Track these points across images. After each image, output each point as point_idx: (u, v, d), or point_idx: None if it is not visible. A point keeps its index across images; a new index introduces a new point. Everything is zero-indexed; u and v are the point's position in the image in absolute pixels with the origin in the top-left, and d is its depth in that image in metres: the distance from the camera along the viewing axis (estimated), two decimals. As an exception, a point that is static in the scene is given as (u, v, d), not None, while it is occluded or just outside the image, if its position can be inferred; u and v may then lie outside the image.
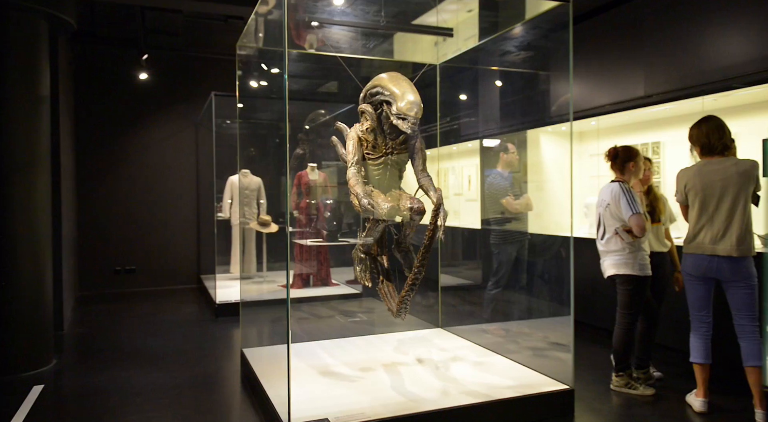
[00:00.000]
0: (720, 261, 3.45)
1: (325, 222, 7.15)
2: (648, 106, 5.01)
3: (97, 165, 8.20)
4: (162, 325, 6.18)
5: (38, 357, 4.59)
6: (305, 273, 7.64)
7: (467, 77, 5.95)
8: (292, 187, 7.26)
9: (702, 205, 3.51)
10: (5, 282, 4.43)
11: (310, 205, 7.39)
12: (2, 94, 4.45)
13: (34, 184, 4.63)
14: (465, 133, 7.06)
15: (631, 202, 3.72)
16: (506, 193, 5.10)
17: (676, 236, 4.44)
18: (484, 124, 6.59)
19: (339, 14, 4.67)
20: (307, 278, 7.67)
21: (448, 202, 8.04)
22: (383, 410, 3.21)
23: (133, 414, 3.62)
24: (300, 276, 7.67)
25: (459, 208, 7.98)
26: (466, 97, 6.46)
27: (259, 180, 8.23)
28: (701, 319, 3.58)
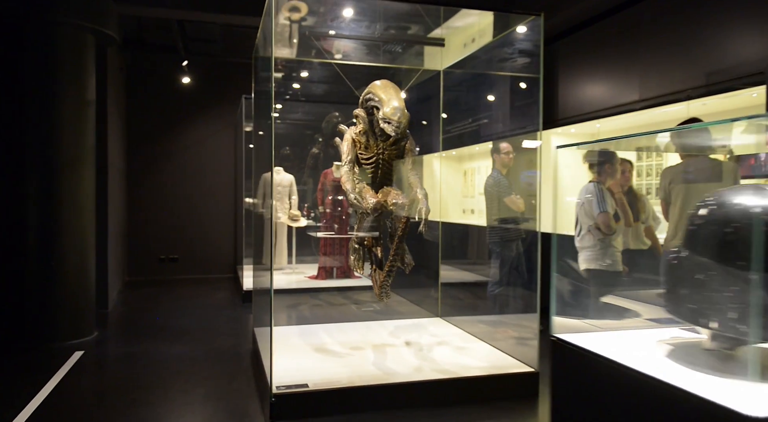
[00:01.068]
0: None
1: (349, 218, 7.61)
2: (642, 110, 5.19)
3: (145, 162, 8.99)
4: (194, 308, 6.82)
5: (81, 329, 5.28)
6: (329, 266, 8.13)
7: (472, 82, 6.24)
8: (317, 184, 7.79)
9: (684, 203, 3.72)
10: (54, 262, 5.12)
11: (336, 201, 7.87)
12: (53, 100, 5.14)
13: (80, 179, 5.31)
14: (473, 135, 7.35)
15: (600, 201, 3.98)
16: (509, 192, 5.38)
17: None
18: (489, 127, 6.86)
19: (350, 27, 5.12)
20: (331, 270, 8.15)
21: (474, 200, 8.33)
22: (357, 380, 3.64)
23: (153, 377, 4.20)
24: (324, 269, 8.17)
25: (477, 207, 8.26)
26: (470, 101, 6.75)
27: (292, 177, 8.77)
28: None
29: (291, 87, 7.85)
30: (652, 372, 1.32)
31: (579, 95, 6.18)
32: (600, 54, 5.89)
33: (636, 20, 5.34)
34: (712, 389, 1.20)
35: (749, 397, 1.20)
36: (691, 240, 1.37)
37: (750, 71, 4.11)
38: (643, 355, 1.44)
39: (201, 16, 6.32)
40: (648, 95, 5.16)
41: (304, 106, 8.62)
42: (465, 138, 6.72)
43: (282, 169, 8.67)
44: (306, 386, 3.53)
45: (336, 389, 3.54)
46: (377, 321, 5.46)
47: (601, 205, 3.97)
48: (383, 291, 3.95)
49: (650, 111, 5.12)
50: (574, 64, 6.29)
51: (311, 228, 8.27)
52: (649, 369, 1.33)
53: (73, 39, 5.23)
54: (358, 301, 6.74)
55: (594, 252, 4.08)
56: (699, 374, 1.31)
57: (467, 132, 6.76)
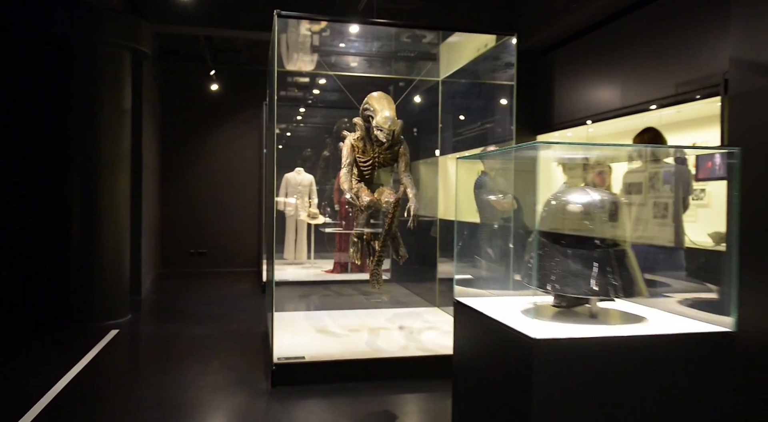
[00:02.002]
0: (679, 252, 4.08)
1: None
2: (624, 116, 5.59)
3: (177, 163, 9.73)
4: (219, 297, 7.49)
5: (116, 311, 5.98)
6: (343, 261, 8.70)
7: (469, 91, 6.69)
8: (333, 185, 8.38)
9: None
10: (94, 252, 5.83)
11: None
12: (93, 109, 5.85)
13: (117, 179, 6.01)
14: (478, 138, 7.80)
15: (570, 200, 4.42)
16: (494, 193, 5.84)
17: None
18: (482, 131, 7.30)
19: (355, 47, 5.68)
20: (345, 264, 8.72)
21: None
22: (349, 354, 4.19)
23: (177, 351, 4.84)
24: (339, 263, 8.75)
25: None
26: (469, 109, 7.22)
27: (311, 177, 9.38)
28: None
29: (311, 93, 8.47)
30: (495, 316, 1.81)
31: (573, 101, 6.58)
32: (589, 63, 6.29)
33: (619, 34, 5.74)
34: (528, 326, 1.68)
35: (546, 330, 1.67)
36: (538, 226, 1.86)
37: (712, 82, 4.48)
38: (506, 310, 1.91)
39: (224, 33, 6.97)
40: (628, 103, 5.56)
41: (322, 111, 9.23)
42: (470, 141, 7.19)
43: (302, 170, 9.28)
44: (303, 358, 4.09)
45: (329, 361, 4.09)
46: (379, 309, 5.99)
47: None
48: (374, 279, 4.50)
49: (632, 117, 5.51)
50: (568, 72, 6.70)
51: (329, 225, 8.85)
52: (495, 315, 1.82)
53: (112, 55, 5.92)
54: (366, 293, 7.28)
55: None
56: (532, 320, 1.79)
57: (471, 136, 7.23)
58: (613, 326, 1.72)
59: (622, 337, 1.61)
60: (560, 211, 1.79)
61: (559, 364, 1.54)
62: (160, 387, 3.98)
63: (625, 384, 1.58)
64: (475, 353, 1.98)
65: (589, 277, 1.70)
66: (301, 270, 9.19)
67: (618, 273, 1.70)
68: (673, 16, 4.99)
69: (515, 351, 1.61)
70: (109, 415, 3.55)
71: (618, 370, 1.57)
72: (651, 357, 1.59)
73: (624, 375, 1.58)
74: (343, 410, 3.59)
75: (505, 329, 1.70)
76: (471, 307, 1.95)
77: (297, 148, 9.62)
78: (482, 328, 1.87)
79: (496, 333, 1.77)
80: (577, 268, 1.71)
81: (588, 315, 1.81)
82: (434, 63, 5.74)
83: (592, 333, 1.61)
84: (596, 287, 1.69)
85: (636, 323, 1.77)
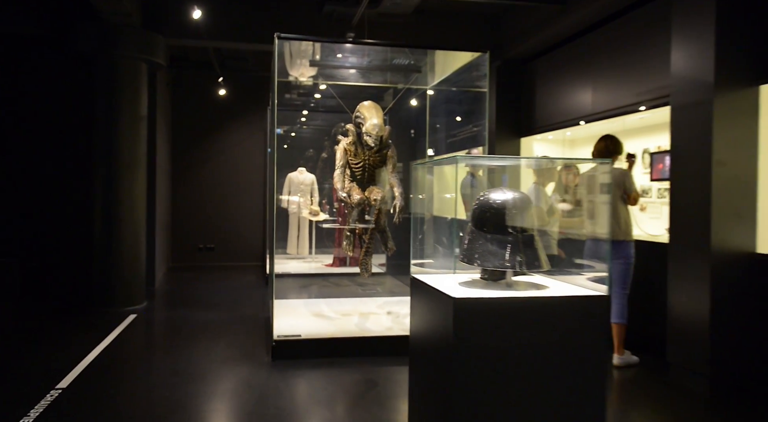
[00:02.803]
0: (601, 244, 4.65)
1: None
2: (594, 122, 6.14)
3: (187, 163, 10.36)
4: (226, 287, 8.11)
5: (134, 298, 6.60)
6: (342, 255, 9.29)
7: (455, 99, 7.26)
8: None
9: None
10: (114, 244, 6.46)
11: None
12: (114, 116, 6.46)
13: (135, 180, 6.63)
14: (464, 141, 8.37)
15: (536, 198, 4.99)
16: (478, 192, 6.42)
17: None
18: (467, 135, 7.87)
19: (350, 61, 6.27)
20: (344, 259, 9.31)
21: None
22: (339, 333, 4.78)
23: (189, 332, 5.45)
24: (338, 258, 9.34)
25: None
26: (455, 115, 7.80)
27: (313, 176, 9.96)
28: None
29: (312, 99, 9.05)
30: (433, 284, 2.39)
31: (552, 106, 7.13)
32: (565, 72, 6.84)
33: (589, 47, 6.29)
34: (452, 290, 2.24)
35: (465, 293, 2.23)
36: (471, 217, 2.43)
37: (664, 93, 5.03)
38: (446, 283, 2.47)
39: (231, 45, 7.58)
40: (598, 109, 6.11)
41: (323, 114, 9.81)
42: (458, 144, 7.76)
43: (305, 170, 9.87)
44: (299, 336, 4.69)
45: (322, 338, 4.69)
46: (371, 297, 6.58)
47: (536, 201, 4.98)
48: (363, 268, 5.09)
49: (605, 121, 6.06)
50: (547, 79, 7.25)
51: (328, 221, 9.44)
52: (433, 284, 2.39)
53: (131, 68, 6.54)
54: (361, 284, 7.87)
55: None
56: (458, 286, 2.36)
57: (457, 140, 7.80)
58: (518, 291, 2.29)
59: (520, 297, 2.17)
60: (486, 205, 2.36)
61: (472, 317, 2.10)
62: (175, 361, 4.59)
63: (523, 333, 2.14)
64: (422, 318, 2.55)
65: (503, 255, 2.27)
66: (302, 264, 9.79)
67: (524, 252, 2.27)
68: (634, 33, 5.54)
69: (444, 309, 2.18)
70: (133, 382, 4.17)
71: (517, 322, 2.14)
72: (544, 312, 2.16)
73: (522, 326, 2.14)
74: (332, 379, 4.18)
75: (438, 293, 2.27)
76: (420, 280, 2.53)
77: (299, 148, 10.21)
78: (426, 296, 2.44)
79: (432, 297, 2.34)
80: (494, 249, 2.28)
81: (505, 284, 2.38)
82: (420, 74, 6.31)
83: (498, 295, 2.18)
84: (507, 262, 2.25)
85: (537, 289, 2.33)
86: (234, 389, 3.98)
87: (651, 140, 5.85)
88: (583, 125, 6.41)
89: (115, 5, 5.85)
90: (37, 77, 7.33)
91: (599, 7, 5.67)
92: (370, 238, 4.94)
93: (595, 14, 5.88)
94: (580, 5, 5.82)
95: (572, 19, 6.07)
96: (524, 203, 2.35)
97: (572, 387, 2.18)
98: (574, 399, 2.19)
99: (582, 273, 2.71)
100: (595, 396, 2.20)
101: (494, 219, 2.32)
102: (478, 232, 2.36)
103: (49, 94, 7.32)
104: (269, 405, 3.68)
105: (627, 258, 4.58)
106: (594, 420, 2.21)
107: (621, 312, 4.52)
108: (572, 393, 2.18)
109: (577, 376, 2.18)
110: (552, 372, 2.16)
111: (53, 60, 7.24)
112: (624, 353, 4.56)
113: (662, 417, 3.69)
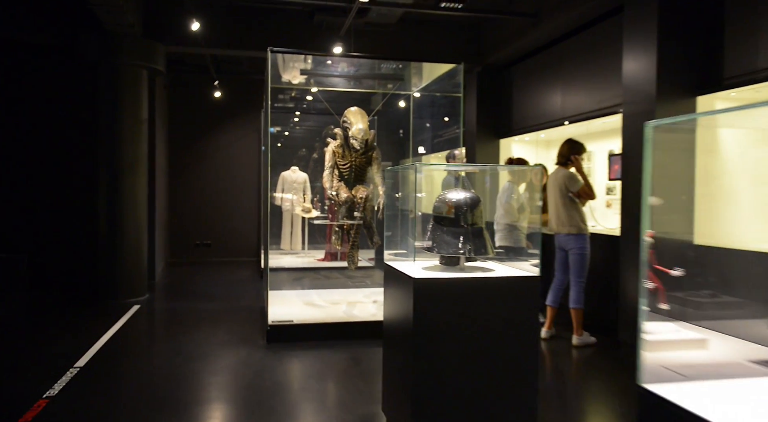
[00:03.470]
0: (560, 237, 5.17)
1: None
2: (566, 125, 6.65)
3: (184, 163, 10.81)
4: (222, 281, 8.58)
5: (136, 290, 7.07)
6: (333, 251, 9.78)
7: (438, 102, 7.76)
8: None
9: (551, 199, 5.23)
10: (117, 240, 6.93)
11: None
12: (117, 119, 6.92)
13: (137, 179, 7.09)
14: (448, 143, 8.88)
15: (508, 196, 5.49)
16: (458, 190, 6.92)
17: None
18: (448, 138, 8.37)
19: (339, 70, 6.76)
20: (335, 254, 9.80)
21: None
22: (328, 319, 5.27)
23: (190, 321, 5.94)
24: (330, 253, 9.83)
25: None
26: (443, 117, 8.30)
27: (305, 175, 10.42)
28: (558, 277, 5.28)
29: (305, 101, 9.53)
30: (399, 268, 2.88)
31: (528, 110, 7.65)
32: (538, 79, 7.36)
33: (558, 56, 6.80)
34: (413, 272, 2.73)
35: (423, 274, 2.73)
36: (432, 213, 2.93)
37: (618, 102, 5.53)
38: (413, 267, 2.95)
39: (227, 52, 8.04)
40: (567, 114, 6.62)
41: (315, 116, 10.28)
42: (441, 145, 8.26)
43: (297, 169, 10.34)
44: (291, 321, 5.18)
45: (312, 323, 5.19)
46: (359, 288, 7.08)
47: (508, 198, 5.48)
48: (350, 260, 5.59)
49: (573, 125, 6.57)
50: (524, 85, 7.76)
51: (320, 218, 9.92)
52: (399, 268, 2.88)
53: (133, 74, 6.99)
54: (351, 276, 8.37)
55: (504, 232, 5.59)
56: (420, 269, 2.85)
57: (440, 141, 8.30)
58: (467, 273, 2.79)
59: (467, 278, 2.67)
60: (443, 203, 2.86)
61: (430, 295, 2.59)
62: (178, 344, 5.07)
63: (470, 306, 2.64)
64: (391, 296, 3.05)
65: (456, 244, 2.76)
66: (296, 259, 10.27)
67: (473, 242, 2.76)
68: (595, 46, 6.05)
69: (406, 288, 2.67)
70: (142, 361, 4.65)
71: (465, 297, 2.63)
72: (486, 289, 2.66)
73: (469, 300, 2.63)
74: (321, 358, 4.68)
75: (401, 275, 2.77)
76: (391, 266, 3.02)
77: (293, 148, 10.67)
78: (395, 279, 2.93)
79: (399, 279, 2.84)
80: (449, 239, 2.77)
81: (459, 269, 2.88)
82: (402, 82, 6.80)
83: (450, 276, 2.67)
84: (460, 250, 2.75)
85: (483, 272, 2.84)
86: (233, 366, 4.47)
87: (614, 143, 6.37)
88: (556, 128, 6.93)
89: (119, 17, 6.29)
90: (45, 82, 7.78)
91: (566, 21, 6.18)
92: (356, 233, 5.44)
93: (562, 26, 6.38)
94: (549, 18, 6.32)
95: (543, 30, 6.57)
96: (474, 202, 2.85)
97: (511, 348, 2.68)
98: (513, 360, 2.69)
99: (528, 260, 3.20)
100: (529, 357, 2.71)
101: (450, 214, 2.81)
102: (436, 226, 2.86)
103: (56, 98, 7.78)
104: (265, 378, 4.17)
105: (581, 250, 5.07)
106: (528, 376, 2.71)
107: (578, 298, 5.03)
108: (511, 353, 2.68)
109: (514, 340, 2.68)
110: (493, 337, 2.66)
111: (61, 67, 7.70)
112: (582, 334, 5.08)
113: (615, 387, 4.21)
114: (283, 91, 9.11)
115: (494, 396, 2.68)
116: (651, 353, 1.44)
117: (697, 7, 4.54)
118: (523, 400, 2.72)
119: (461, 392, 2.65)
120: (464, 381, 2.65)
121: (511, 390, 2.70)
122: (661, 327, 1.73)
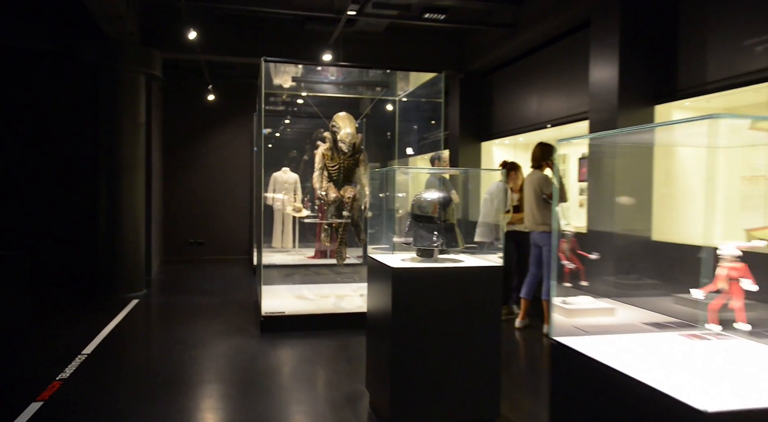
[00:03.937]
0: (534, 234, 5.58)
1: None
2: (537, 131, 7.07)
3: (178, 164, 11.13)
4: (216, 277, 8.93)
5: (135, 285, 7.41)
6: (323, 248, 10.15)
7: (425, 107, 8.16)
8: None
9: (527, 199, 5.63)
10: (116, 237, 7.26)
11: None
12: (116, 123, 7.26)
13: (135, 180, 7.43)
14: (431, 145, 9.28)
15: (495, 193, 5.89)
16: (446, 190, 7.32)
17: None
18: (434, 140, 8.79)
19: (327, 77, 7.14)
20: (325, 252, 10.16)
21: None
22: (318, 310, 5.65)
23: (186, 313, 6.29)
24: (319, 251, 10.20)
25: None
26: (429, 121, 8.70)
27: (296, 176, 10.77)
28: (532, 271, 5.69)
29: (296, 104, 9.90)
30: (380, 259, 3.28)
31: (507, 114, 8.07)
32: (516, 85, 7.78)
33: (533, 65, 7.23)
34: (392, 263, 3.13)
35: (401, 265, 3.13)
36: (411, 210, 3.32)
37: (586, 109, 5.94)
38: (393, 258, 3.35)
39: (221, 59, 8.39)
40: (542, 119, 7.05)
41: (305, 119, 10.65)
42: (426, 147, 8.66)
43: (288, 169, 10.69)
44: (283, 312, 5.56)
45: (303, 315, 5.57)
46: (347, 283, 7.46)
47: (495, 193, 5.88)
48: (338, 255, 5.97)
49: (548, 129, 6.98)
50: (504, 91, 8.18)
51: (310, 217, 10.28)
52: (380, 259, 3.28)
53: (131, 79, 7.33)
54: (340, 272, 8.75)
55: (489, 228, 5.98)
56: (399, 261, 3.24)
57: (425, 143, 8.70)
58: (440, 263, 3.19)
59: (439, 267, 3.07)
60: (419, 202, 3.26)
61: (406, 283, 2.99)
62: (177, 334, 5.43)
63: (441, 292, 3.04)
64: (373, 285, 3.44)
65: (430, 238, 3.16)
66: (287, 256, 10.62)
67: (445, 236, 3.16)
68: (567, 56, 6.48)
69: (385, 277, 3.06)
70: (144, 348, 5.01)
71: (437, 284, 3.03)
72: (455, 277, 3.06)
73: (440, 287, 3.03)
74: (311, 345, 5.06)
75: (382, 265, 3.17)
76: (373, 258, 3.41)
77: (284, 149, 11.02)
78: (376, 270, 3.32)
79: (380, 269, 3.23)
80: (424, 233, 3.17)
81: (433, 260, 3.28)
82: (388, 88, 7.20)
83: (424, 266, 3.07)
84: (433, 243, 3.15)
85: (453, 263, 3.23)
86: (229, 353, 4.84)
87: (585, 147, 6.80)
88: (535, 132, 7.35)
89: (118, 25, 6.63)
90: (48, 87, 8.11)
91: (542, 32, 6.60)
92: (343, 231, 5.82)
93: (539, 37, 6.81)
94: (526, 30, 6.75)
95: (520, 40, 6.99)
96: (446, 201, 3.25)
97: (477, 329, 3.08)
98: (478, 339, 3.09)
99: (497, 254, 3.60)
100: (492, 335, 3.11)
101: (425, 212, 3.21)
102: (414, 222, 3.25)
103: (58, 101, 8.10)
104: (259, 363, 4.55)
105: (549, 246, 5.48)
106: (492, 353, 3.11)
107: (548, 290, 5.44)
108: (477, 332, 3.08)
109: (480, 321, 3.08)
110: (462, 318, 3.05)
111: (63, 72, 8.03)
112: (553, 324, 5.50)
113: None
114: (275, 95, 9.48)
115: (463, 370, 3.08)
116: (568, 318, 1.85)
117: (656, 24, 4.98)
118: (488, 374, 3.12)
119: (434, 367, 3.04)
120: (436, 356, 3.04)
121: (477, 366, 3.10)
122: (580, 299, 2.13)
